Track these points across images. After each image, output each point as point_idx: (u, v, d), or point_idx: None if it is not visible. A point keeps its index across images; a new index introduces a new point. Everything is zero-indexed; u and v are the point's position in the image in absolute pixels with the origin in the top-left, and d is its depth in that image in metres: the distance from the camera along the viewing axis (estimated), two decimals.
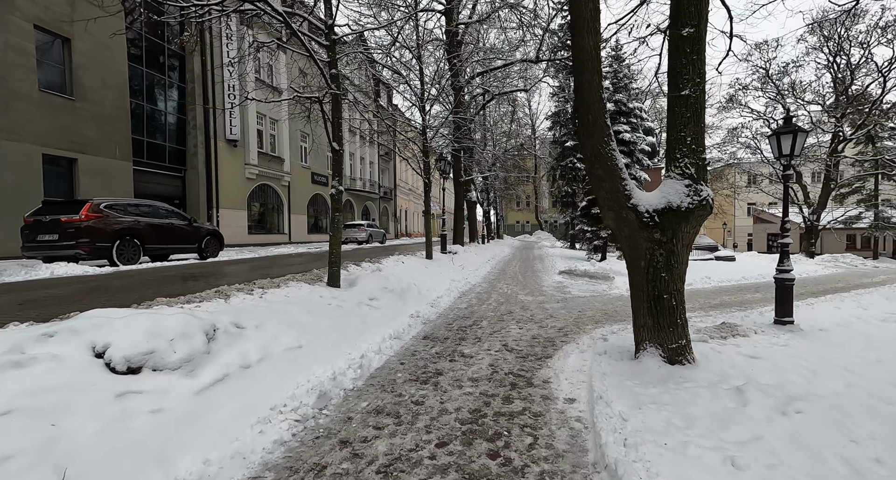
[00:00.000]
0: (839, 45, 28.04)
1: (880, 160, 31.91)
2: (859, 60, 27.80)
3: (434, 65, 12.70)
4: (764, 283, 12.74)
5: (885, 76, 27.04)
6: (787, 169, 5.86)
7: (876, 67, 26.84)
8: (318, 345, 4.00)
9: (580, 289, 9.65)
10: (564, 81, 23.01)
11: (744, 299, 9.29)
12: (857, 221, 35.18)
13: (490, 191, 32.76)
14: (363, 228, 22.37)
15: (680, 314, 3.93)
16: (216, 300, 4.44)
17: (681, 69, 3.78)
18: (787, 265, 5.95)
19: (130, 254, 9.02)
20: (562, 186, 26.73)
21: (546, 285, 10.15)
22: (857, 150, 34.72)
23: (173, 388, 2.52)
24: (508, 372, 3.96)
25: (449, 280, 9.50)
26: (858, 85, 28.73)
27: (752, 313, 7.32)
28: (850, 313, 7.48)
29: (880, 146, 32.64)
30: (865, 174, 33.27)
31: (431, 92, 10.97)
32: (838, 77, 29.35)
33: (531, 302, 7.79)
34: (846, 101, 29.23)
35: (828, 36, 28.36)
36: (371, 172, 34.16)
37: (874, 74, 27.48)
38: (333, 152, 6.08)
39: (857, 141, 31.01)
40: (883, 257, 33.89)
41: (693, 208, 3.79)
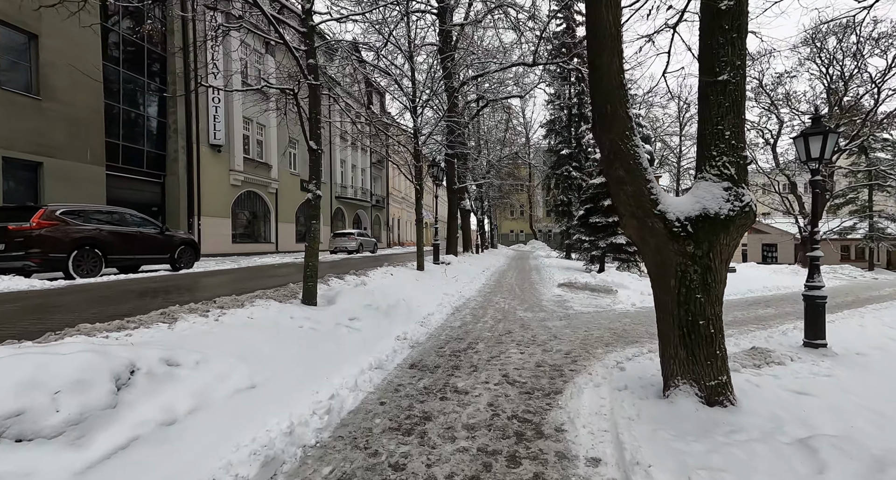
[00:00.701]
0: (832, 55, 28.11)
1: (873, 171, 31.94)
2: (853, 70, 27.87)
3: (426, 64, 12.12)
4: (771, 296, 12.15)
5: (878, 87, 27.08)
6: (815, 174, 5.26)
7: (870, 77, 26.88)
8: (278, 383, 3.25)
9: (582, 304, 8.97)
10: (560, 88, 22.67)
11: (757, 314, 8.67)
12: (852, 232, 35.12)
13: (484, 200, 32.19)
14: (353, 237, 21.60)
15: (719, 343, 3.25)
16: (157, 325, 3.68)
17: (718, 50, 3.16)
18: (818, 280, 5.32)
19: (90, 266, 8.18)
20: (557, 194, 26.24)
21: (546, 299, 9.46)
22: (850, 161, 34.73)
23: (43, 468, 1.77)
24: (512, 415, 3.24)
25: (441, 294, 8.77)
26: (851, 96, 28.79)
27: (773, 332, 6.68)
28: (878, 332, 6.87)
29: (873, 157, 32.71)
30: (859, 185, 33.28)
31: (423, 97, 10.34)
32: (831, 88, 29.40)
33: (531, 319, 7.08)
34: (840, 112, 29.25)
35: (821, 46, 28.46)
36: (363, 179, 33.48)
37: (868, 84, 27.53)
38: (311, 152, 5.38)
39: (850, 152, 30.96)
40: (878, 269, 33.69)
41: (734, 215, 3.14)
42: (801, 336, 6.12)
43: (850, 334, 6.58)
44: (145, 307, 5.19)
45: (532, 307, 8.35)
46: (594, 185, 16.52)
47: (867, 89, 28.35)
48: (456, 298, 8.72)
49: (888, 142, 31.53)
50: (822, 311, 5.26)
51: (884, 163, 31.65)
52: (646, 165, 3.36)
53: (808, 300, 5.39)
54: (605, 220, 15.86)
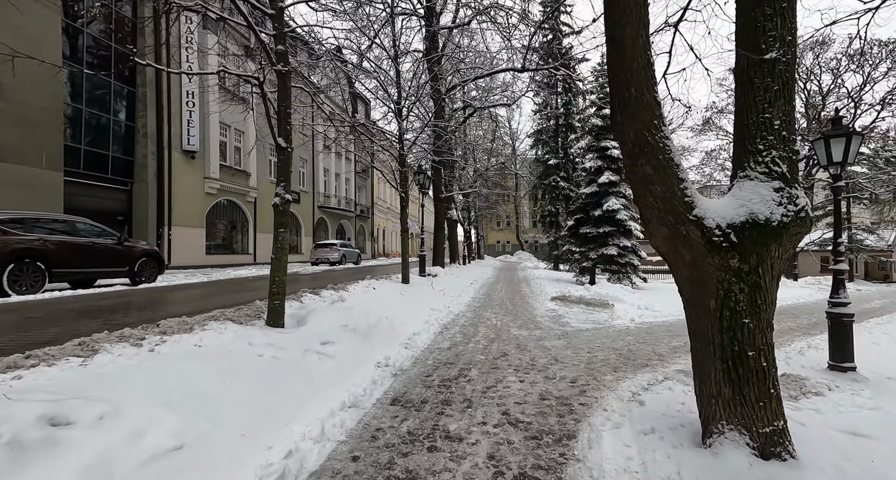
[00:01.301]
0: (810, 70, 28.76)
1: (850, 184, 32.59)
2: (830, 85, 28.56)
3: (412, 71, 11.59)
4: (790, 307, 11.63)
5: (855, 102, 27.78)
6: (837, 180, 4.80)
7: (847, 92, 27.56)
8: (218, 438, 2.50)
9: (578, 319, 8.38)
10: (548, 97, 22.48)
11: None
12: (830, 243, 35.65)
13: (471, 210, 31.72)
14: (336, 248, 20.75)
15: (773, 380, 2.65)
16: (68, 360, 2.91)
17: (764, 23, 2.62)
18: (844, 296, 4.81)
19: (30, 280, 7.24)
20: (544, 205, 25.92)
21: (539, 314, 8.84)
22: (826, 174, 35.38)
23: None
24: (520, 473, 2.56)
25: (428, 310, 8.07)
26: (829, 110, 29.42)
27: (788, 351, 6.16)
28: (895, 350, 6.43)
29: (850, 170, 33.32)
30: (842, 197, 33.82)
31: (409, 100, 9.77)
32: (810, 102, 30.07)
33: (527, 339, 6.43)
34: (818, 126, 29.88)
35: (798, 62, 29.08)
36: (347, 189, 32.70)
37: (845, 99, 28.22)
38: (279, 151, 4.69)
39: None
40: (857, 280, 34.19)
41: (788, 222, 2.57)
42: (821, 356, 5.62)
43: (869, 353, 6.10)
44: (77, 331, 4.38)
45: (526, 323, 7.71)
46: (584, 194, 16.14)
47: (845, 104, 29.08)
48: (444, 314, 8.03)
49: (863, 155, 32.24)
50: (849, 330, 4.75)
51: (860, 176, 32.30)
52: (678, 160, 2.79)
53: (833, 319, 4.87)
54: (596, 230, 15.45)
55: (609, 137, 16.03)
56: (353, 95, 11.63)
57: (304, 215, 25.55)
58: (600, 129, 16.11)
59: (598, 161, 15.91)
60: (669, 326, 8.09)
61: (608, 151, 15.64)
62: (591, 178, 16.34)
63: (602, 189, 15.66)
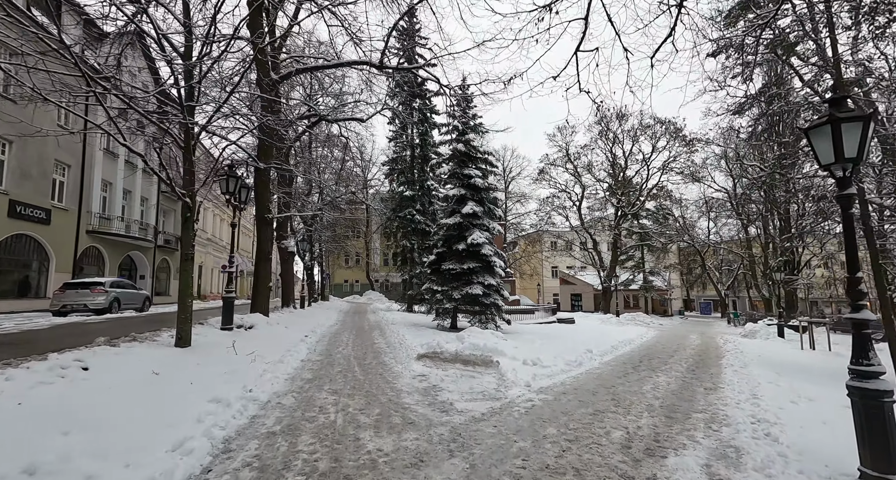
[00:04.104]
0: (615, 135, 34.42)
1: (641, 234, 39.65)
2: (629, 150, 34.59)
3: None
4: (646, 347, 11.05)
5: (648, 166, 34.05)
6: (845, 185, 3.32)
7: (643, 157, 33.65)
8: None
9: (461, 392, 5.69)
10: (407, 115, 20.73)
11: (660, 386, 6.79)
12: (632, 283, 42.43)
13: (315, 243, 27.42)
14: (101, 289, 14.12)
15: None
16: None
17: None
18: (876, 363, 3.19)
19: None
20: (398, 239, 23.65)
21: (405, 387, 5.84)
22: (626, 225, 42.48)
23: None
24: None
25: (205, 403, 4.27)
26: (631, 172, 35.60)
27: (726, 426, 4.53)
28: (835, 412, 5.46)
29: (643, 223, 40.58)
30: (635, 245, 40.75)
31: (206, 58, 6.12)
32: (616, 163, 35.95)
33: (393, 454, 3.36)
34: (623, 183, 35.78)
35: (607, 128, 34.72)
36: (144, 211, 24.80)
37: (640, 163, 34.41)
38: None
39: (626, 218, 37.64)
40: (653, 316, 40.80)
41: None
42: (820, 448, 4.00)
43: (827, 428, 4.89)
44: None
45: (388, 414, 4.61)
46: (447, 225, 14.25)
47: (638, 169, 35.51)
48: (236, 410, 4.32)
49: (650, 211, 39.80)
50: (891, 419, 3.07)
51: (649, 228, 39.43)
52: None
53: (866, 400, 3.15)
54: (460, 266, 13.54)
55: (473, 165, 14.77)
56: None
57: (57, 242, 17.55)
58: (463, 155, 14.77)
59: (462, 190, 14.36)
60: (576, 392, 6.04)
61: (472, 179, 14.26)
62: (453, 207, 14.63)
63: (466, 220, 14.02)
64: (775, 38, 11.18)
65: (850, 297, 3.24)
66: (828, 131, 3.28)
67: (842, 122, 3.21)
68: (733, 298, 43.43)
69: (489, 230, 14.32)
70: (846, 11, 10.13)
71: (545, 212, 39.09)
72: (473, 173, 14.37)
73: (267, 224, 10.62)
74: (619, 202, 34.87)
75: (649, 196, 35.68)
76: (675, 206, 37.59)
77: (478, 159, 15.12)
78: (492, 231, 14.40)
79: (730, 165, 30.81)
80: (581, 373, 7.51)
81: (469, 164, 14.77)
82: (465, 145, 14.77)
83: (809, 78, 10.90)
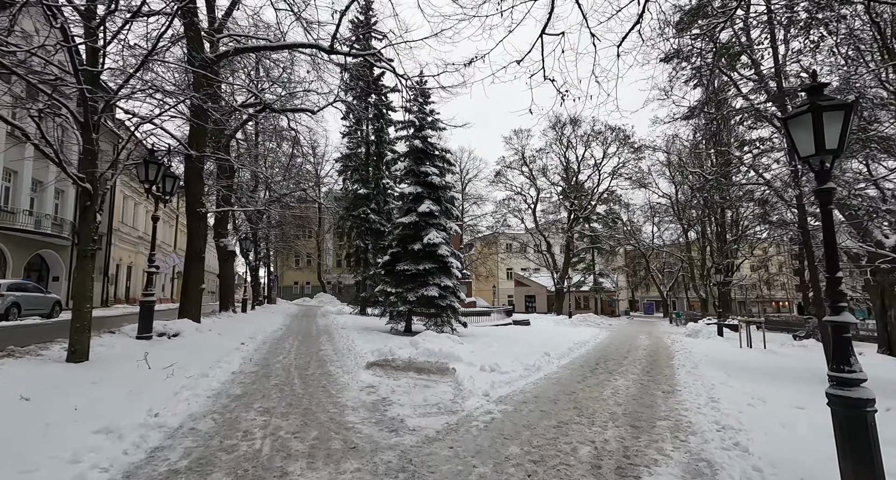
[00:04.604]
0: (569, 140, 35.29)
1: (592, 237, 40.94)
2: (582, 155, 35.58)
3: None
4: (601, 349, 10.98)
5: (599, 171, 35.14)
6: (824, 179, 3.12)
7: (594, 162, 34.69)
8: None
9: (413, 404, 5.13)
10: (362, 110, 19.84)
11: (620, 389, 6.59)
12: (583, 285, 43.73)
13: (261, 242, 25.74)
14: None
15: None
16: None
17: None
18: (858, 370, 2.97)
19: None
20: (352, 239, 22.66)
21: (351, 401, 5.18)
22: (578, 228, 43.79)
23: None
24: None
25: (89, 435, 3.40)
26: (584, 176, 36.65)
27: (689, 432, 4.32)
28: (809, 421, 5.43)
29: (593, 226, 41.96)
30: (587, 247, 42.02)
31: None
32: (569, 167, 36.88)
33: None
34: (575, 187, 36.76)
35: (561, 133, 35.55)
36: (59, 204, 22.10)
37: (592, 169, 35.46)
38: None
39: (578, 221, 38.78)
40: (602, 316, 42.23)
41: None
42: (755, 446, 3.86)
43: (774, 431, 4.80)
44: None
45: (327, 433, 3.96)
46: (403, 224, 13.64)
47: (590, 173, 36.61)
48: (133, 439, 3.47)
49: (601, 215, 41.23)
50: (874, 430, 2.87)
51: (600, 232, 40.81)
52: None
53: (848, 410, 2.93)
54: (416, 267, 12.96)
55: (430, 162, 14.25)
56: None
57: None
58: (420, 151, 14.22)
59: (418, 187, 13.81)
60: (536, 400, 5.67)
61: (429, 177, 13.75)
62: (409, 206, 14.04)
63: (422, 220, 13.48)
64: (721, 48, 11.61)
65: (830, 298, 3.03)
66: (808, 121, 3.06)
67: (823, 110, 3.00)
68: (673, 299, 45.91)
69: (446, 230, 13.87)
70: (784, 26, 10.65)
71: (501, 214, 39.43)
72: (430, 171, 13.87)
73: (199, 219, 9.47)
74: (572, 206, 35.79)
75: (600, 200, 36.90)
76: (623, 210, 39.15)
77: (435, 157, 14.63)
78: (449, 231, 13.95)
79: (673, 172, 32.53)
80: (540, 378, 7.19)
81: (426, 161, 14.25)
82: (422, 142, 14.23)
83: (752, 88, 11.37)
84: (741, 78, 12.58)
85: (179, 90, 7.60)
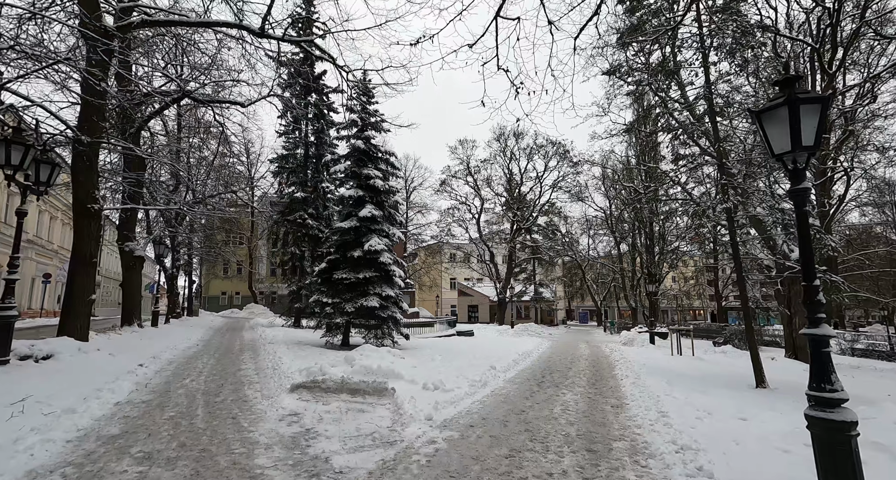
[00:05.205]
0: (512, 152, 36.03)
1: (533, 248, 41.95)
2: (525, 167, 36.45)
3: None
4: (545, 359, 10.66)
5: (541, 183, 36.14)
6: (800, 179, 2.90)
7: (536, 174, 35.64)
8: None
9: (344, 436, 4.35)
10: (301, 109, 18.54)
11: (569, 405, 6.25)
12: (524, 295, 44.56)
13: (182, 249, 23.21)
14: None
15: None
16: None
17: None
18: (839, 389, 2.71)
19: None
20: (287, 245, 21.05)
21: (265, 435, 4.28)
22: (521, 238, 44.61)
23: None
24: None
25: None
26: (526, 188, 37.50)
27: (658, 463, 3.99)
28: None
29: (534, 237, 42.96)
30: (528, 258, 42.93)
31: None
32: (512, 179, 37.62)
33: None
34: (518, 198, 37.53)
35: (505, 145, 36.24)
36: None
37: (533, 180, 36.40)
38: None
39: (521, 231, 39.58)
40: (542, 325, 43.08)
41: None
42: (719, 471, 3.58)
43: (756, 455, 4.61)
44: None
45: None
46: (342, 229, 12.67)
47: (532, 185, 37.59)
48: None
49: (541, 226, 42.42)
50: (857, 456, 2.61)
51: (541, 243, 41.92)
52: None
53: (832, 434, 2.62)
54: (355, 276, 12.03)
55: (373, 165, 13.46)
56: None
57: None
58: (363, 153, 13.40)
59: (360, 191, 12.95)
60: (485, 423, 5.10)
61: (371, 180, 12.95)
62: (349, 210, 13.12)
63: (363, 225, 12.63)
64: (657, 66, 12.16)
65: (808, 309, 2.77)
66: (784, 115, 2.82)
67: (801, 103, 2.76)
68: (606, 307, 48.20)
69: (389, 237, 13.11)
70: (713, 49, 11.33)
71: (446, 223, 39.21)
72: (373, 174, 13.08)
73: (90, 217, 7.90)
74: (515, 217, 36.44)
75: (541, 212, 37.92)
76: (562, 222, 40.55)
77: (378, 159, 13.87)
78: (392, 238, 13.20)
79: (608, 186, 34.30)
80: (487, 395, 6.66)
81: (368, 163, 13.45)
82: (364, 143, 13.42)
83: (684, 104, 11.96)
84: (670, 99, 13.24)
85: (62, 58, 6.25)
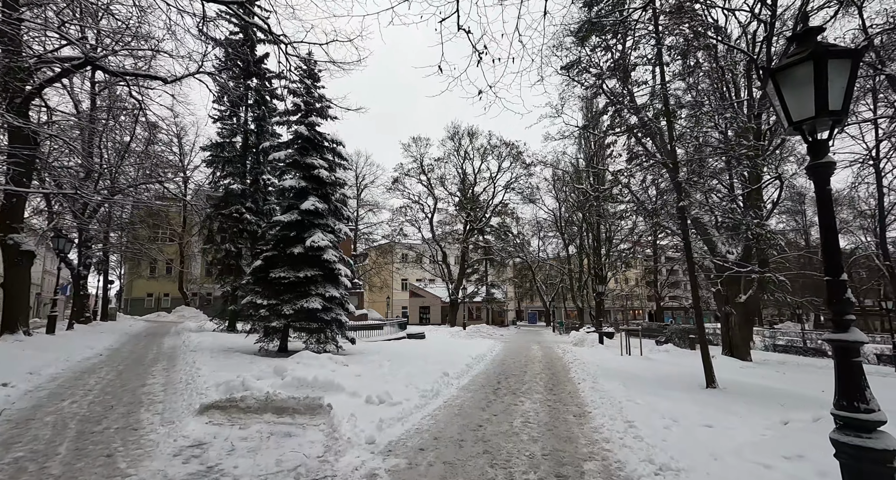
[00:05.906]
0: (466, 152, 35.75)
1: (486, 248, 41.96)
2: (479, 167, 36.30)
3: None
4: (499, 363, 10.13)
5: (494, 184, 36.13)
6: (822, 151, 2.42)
7: (490, 175, 35.58)
8: None
9: (258, 473, 3.42)
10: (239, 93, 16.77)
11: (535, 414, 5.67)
12: (476, 296, 44.46)
13: (94, 244, 20.47)
14: None
15: None
16: None
17: None
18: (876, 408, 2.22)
19: None
20: (222, 242, 19.10)
21: (154, 473, 3.23)
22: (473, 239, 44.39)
23: None
24: None
25: None
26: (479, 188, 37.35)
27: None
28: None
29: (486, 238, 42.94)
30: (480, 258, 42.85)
31: None
32: (466, 179, 37.35)
33: None
34: (471, 198, 37.31)
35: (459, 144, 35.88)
36: None
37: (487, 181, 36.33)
38: None
39: (474, 231, 39.43)
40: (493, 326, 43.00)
41: None
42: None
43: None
44: None
45: None
46: (282, 223, 11.41)
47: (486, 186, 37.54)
48: None
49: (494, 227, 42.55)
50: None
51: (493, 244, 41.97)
52: None
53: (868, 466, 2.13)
54: (295, 275, 10.83)
55: (318, 154, 12.30)
56: None
57: None
58: (307, 140, 12.20)
59: (303, 182, 11.76)
60: (436, 444, 4.35)
61: (316, 170, 11.80)
62: (291, 202, 11.89)
63: (306, 219, 11.47)
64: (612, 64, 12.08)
65: (833, 309, 2.27)
66: (807, 73, 2.31)
67: (830, 56, 2.26)
68: (554, 308, 49.34)
69: (334, 232, 12.00)
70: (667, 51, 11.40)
71: (398, 222, 38.17)
72: (318, 163, 11.93)
73: None
74: (468, 217, 36.16)
75: (494, 213, 37.94)
76: (514, 223, 40.87)
77: (324, 148, 12.71)
78: (338, 234, 12.10)
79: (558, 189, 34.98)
80: (439, 407, 5.92)
81: (313, 152, 12.27)
82: (308, 129, 12.24)
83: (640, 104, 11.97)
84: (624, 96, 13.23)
85: None
